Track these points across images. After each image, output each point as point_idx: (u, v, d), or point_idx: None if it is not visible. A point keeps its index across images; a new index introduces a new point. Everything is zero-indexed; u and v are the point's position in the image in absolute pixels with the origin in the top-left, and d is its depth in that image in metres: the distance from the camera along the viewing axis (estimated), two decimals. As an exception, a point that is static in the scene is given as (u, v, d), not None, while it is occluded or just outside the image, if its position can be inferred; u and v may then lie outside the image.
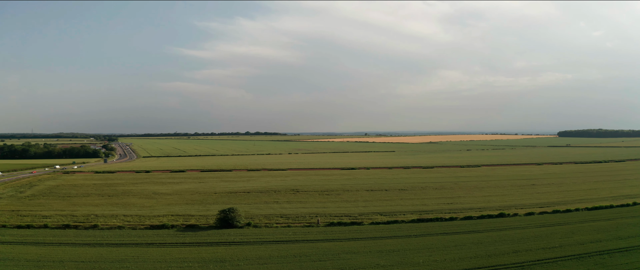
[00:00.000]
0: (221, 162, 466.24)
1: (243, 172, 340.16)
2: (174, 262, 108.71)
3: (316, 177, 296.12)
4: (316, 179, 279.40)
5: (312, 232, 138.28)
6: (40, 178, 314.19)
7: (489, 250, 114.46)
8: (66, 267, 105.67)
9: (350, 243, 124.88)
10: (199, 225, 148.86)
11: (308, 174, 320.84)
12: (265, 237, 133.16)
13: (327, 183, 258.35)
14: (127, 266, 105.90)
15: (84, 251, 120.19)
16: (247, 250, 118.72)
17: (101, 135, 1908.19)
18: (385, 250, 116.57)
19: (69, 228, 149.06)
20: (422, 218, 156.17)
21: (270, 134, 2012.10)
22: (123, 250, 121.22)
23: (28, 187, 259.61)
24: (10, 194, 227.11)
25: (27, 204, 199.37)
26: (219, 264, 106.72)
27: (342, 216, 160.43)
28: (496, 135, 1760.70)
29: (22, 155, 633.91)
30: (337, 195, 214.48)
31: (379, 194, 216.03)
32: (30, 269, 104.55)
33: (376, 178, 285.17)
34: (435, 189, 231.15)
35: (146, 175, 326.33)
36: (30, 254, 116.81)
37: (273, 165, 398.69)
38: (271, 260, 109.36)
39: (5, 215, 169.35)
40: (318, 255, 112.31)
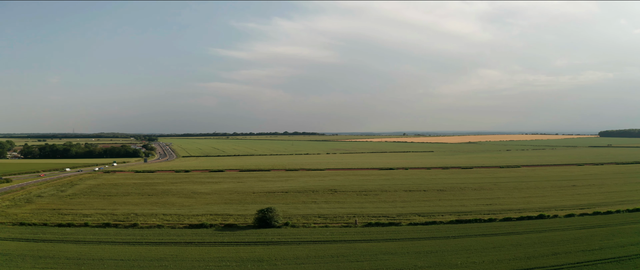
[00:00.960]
0: (260, 162, 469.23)
1: (281, 172, 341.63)
2: (212, 261, 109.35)
3: (354, 177, 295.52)
4: (354, 179, 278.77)
5: (350, 233, 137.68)
6: (81, 177, 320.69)
7: (527, 252, 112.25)
8: (106, 265, 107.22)
9: (388, 244, 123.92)
10: (238, 225, 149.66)
11: (346, 174, 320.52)
12: (303, 237, 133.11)
13: (365, 183, 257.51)
14: (166, 265, 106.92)
15: (123, 249, 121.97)
16: (285, 250, 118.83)
17: (141, 135, 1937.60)
18: (423, 251, 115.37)
19: (109, 227, 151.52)
20: (460, 219, 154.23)
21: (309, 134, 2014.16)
22: (162, 249, 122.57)
23: (69, 186, 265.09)
24: (51, 193, 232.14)
25: (68, 202, 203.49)
26: (257, 263, 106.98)
27: (379, 217, 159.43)
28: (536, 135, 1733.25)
29: (64, 154, 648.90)
30: (375, 195, 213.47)
31: (417, 195, 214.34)
32: (71, 267, 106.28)
33: (414, 178, 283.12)
34: (474, 190, 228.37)
35: (185, 175, 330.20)
36: (70, 252, 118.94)
37: (311, 165, 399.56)
38: (308, 260, 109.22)
39: (47, 214, 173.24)
40: (355, 256, 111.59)
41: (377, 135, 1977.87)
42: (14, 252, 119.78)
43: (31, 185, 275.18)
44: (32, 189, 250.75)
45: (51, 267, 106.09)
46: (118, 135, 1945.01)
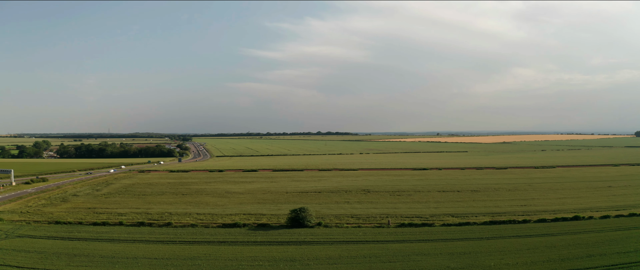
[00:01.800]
0: (293, 162, 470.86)
1: (314, 172, 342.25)
2: (245, 260, 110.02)
3: (387, 177, 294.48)
4: (387, 179, 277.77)
5: (383, 233, 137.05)
6: (116, 176, 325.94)
7: (562, 254, 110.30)
8: (140, 264, 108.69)
9: (421, 244, 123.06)
10: (270, 225, 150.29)
11: (379, 174, 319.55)
12: (336, 237, 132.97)
13: (398, 183, 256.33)
14: (199, 264, 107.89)
15: (157, 248, 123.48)
16: (317, 250, 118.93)
17: (176, 135, 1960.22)
18: (456, 252, 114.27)
19: (143, 225, 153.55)
20: (494, 220, 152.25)
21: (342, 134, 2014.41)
22: (195, 248, 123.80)
23: (104, 185, 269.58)
24: (87, 192, 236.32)
25: (103, 201, 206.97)
26: (289, 263, 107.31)
27: (413, 217, 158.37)
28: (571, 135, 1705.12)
29: (99, 154, 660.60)
30: (408, 195, 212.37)
31: (450, 195, 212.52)
32: (105, 265, 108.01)
33: (448, 179, 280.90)
34: (508, 191, 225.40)
35: (219, 175, 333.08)
36: (105, 251, 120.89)
37: (344, 165, 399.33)
38: (341, 260, 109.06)
39: (82, 213, 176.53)
40: (388, 257, 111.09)
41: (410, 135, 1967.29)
42: (49, 250, 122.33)
43: (67, 184, 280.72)
44: (68, 188, 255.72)
45: (86, 265, 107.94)
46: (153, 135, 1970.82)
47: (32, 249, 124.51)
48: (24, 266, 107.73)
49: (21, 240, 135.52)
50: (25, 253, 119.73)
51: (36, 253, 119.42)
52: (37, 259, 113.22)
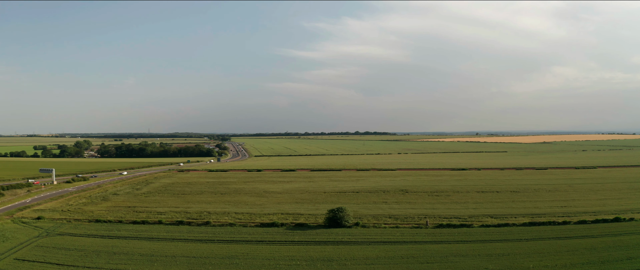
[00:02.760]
0: (330, 162, 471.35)
1: (352, 172, 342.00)
2: (283, 259, 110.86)
3: (426, 177, 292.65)
4: (425, 180, 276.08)
5: (420, 234, 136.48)
6: (156, 176, 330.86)
7: (602, 256, 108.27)
8: (178, 262, 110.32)
9: (459, 246, 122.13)
10: (308, 224, 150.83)
11: (417, 174, 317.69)
12: (373, 237, 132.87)
13: (436, 184, 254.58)
14: (237, 262, 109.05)
15: (195, 247, 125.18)
16: (355, 250, 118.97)
17: (215, 134, 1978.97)
18: (495, 254, 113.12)
19: (182, 224, 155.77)
20: (533, 221, 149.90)
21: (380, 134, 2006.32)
22: (233, 247, 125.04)
23: (144, 184, 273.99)
24: (127, 191, 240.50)
25: (143, 200, 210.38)
26: (327, 263, 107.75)
27: (451, 218, 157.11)
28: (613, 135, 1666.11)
29: (139, 153, 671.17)
30: (446, 196, 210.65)
31: (489, 196, 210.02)
32: (144, 263, 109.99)
33: (487, 179, 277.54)
34: (548, 192, 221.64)
35: (257, 174, 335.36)
36: (144, 249, 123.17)
37: (382, 165, 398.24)
38: (378, 261, 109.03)
39: (122, 211, 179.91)
40: (425, 257, 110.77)
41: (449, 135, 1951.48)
42: (89, 248, 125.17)
43: (107, 183, 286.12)
44: (108, 187, 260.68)
45: (125, 263, 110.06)
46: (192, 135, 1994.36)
47: (72, 246, 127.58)
48: (64, 263, 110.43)
49: (62, 238, 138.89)
50: (65, 250, 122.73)
51: (76, 251, 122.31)
52: (77, 257, 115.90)
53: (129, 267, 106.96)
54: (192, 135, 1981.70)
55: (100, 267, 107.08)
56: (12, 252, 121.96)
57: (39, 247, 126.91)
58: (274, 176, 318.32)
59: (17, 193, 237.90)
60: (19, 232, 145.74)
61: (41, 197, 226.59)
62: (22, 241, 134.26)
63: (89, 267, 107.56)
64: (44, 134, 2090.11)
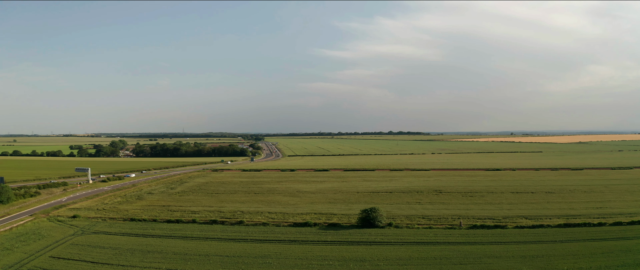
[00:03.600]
0: (364, 162, 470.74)
1: (385, 172, 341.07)
2: (315, 259, 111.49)
3: (459, 177, 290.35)
4: (459, 180, 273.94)
5: (454, 235, 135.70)
6: (190, 175, 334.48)
7: (637, 259, 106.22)
8: (211, 261, 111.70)
9: (493, 247, 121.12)
10: (341, 224, 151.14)
11: (451, 174, 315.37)
12: (406, 238, 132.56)
13: (470, 184, 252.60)
14: (270, 262, 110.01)
15: (229, 246, 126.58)
16: (388, 250, 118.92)
17: (248, 134, 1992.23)
18: (529, 255, 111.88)
19: (215, 223, 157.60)
20: (568, 223, 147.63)
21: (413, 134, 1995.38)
22: (266, 246, 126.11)
23: (179, 183, 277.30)
24: (161, 190, 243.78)
25: (177, 199, 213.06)
26: (359, 263, 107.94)
27: (485, 219, 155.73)
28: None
29: (174, 153, 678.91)
30: (480, 197, 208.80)
31: (524, 197, 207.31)
32: (177, 262, 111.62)
33: (522, 180, 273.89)
34: (583, 192, 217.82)
35: (291, 174, 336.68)
36: (177, 248, 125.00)
37: (416, 165, 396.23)
38: (411, 261, 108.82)
39: (157, 210, 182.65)
40: (459, 259, 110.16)
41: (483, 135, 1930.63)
42: (123, 246, 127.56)
43: (142, 182, 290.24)
44: (143, 186, 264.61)
45: (159, 261, 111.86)
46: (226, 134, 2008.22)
47: (107, 245, 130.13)
48: (98, 261, 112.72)
49: (97, 236, 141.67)
50: (100, 249, 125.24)
51: (111, 249, 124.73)
52: (111, 255, 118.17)
53: (162, 265, 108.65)
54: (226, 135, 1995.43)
55: (134, 266, 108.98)
56: (47, 250, 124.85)
57: (74, 245, 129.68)
58: (307, 176, 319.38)
59: (53, 192, 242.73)
60: (55, 231, 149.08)
61: (77, 195, 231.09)
62: (57, 239, 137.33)
63: (123, 265, 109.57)
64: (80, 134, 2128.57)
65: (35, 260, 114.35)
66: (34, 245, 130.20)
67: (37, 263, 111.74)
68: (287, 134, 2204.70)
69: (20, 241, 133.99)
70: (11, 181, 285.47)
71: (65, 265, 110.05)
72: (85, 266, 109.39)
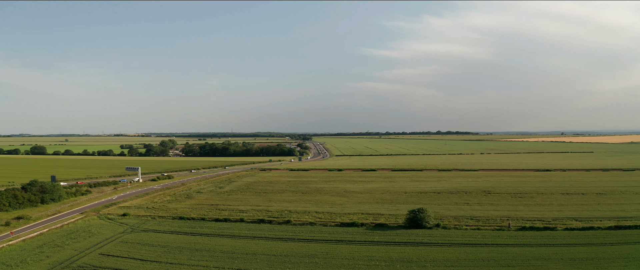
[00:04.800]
0: (411, 162, 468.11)
1: (433, 172, 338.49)
2: (362, 259, 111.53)
3: (509, 178, 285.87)
4: (508, 181, 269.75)
5: (502, 236, 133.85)
6: (238, 174, 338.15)
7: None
8: (259, 260, 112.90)
9: (542, 249, 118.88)
10: (388, 225, 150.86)
11: (500, 175, 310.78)
12: (454, 239, 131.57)
13: (519, 185, 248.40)
14: (316, 261, 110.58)
15: (276, 245, 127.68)
16: (435, 251, 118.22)
17: (296, 134, 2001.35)
18: (578, 258, 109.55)
19: (263, 223, 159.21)
20: (619, 225, 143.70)
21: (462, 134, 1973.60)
22: (313, 246, 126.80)
23: (227, 183, 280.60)
24: (210, 189, 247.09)
25: (226, 198, 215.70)
26: (406, 264, 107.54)
27: (534, 220, 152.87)
28: None
29: (222, 153, 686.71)
30: (530, 198, 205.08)
31: (574, 198, 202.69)
32: (225, 260, 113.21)
33: (572, 181, 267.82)
34: (635, 194, 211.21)
35: (338, 174, 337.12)
36: (225, 246, 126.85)
37: (464, 166, 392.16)
38: (458, 263, 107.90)
39: (205, 209, 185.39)
40: (507, 261, 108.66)
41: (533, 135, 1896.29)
42: (172, 244, 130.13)
43: (191, 181, 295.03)
44: (192, 185, 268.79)
45: (207, 260, 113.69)
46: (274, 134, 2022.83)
47: (156, 242, 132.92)
48: (147, 259, 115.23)
49: (146, 234, 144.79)
50: (149, 246, 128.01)
51: (159, 247, 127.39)
52: (160, 253, 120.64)
53: (210, 263, 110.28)
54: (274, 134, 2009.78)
55: (182, 264, 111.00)
56: (97, 247, 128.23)
57: (123, 243, 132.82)
58: (354, 176, 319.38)
59: (104, 190, 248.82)
60: (105, 228, 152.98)
61: (127, 194, 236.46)
62: (107, 237, 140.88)
63: (172, 263, 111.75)
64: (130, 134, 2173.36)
65: (85, 257, 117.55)
66: (84, 242, 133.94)
67: (86, 260, 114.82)
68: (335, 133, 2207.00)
69: (70, 238, 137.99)
70: (63, 180, 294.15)
71: (114, 263, 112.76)
72: (134, 264, 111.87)
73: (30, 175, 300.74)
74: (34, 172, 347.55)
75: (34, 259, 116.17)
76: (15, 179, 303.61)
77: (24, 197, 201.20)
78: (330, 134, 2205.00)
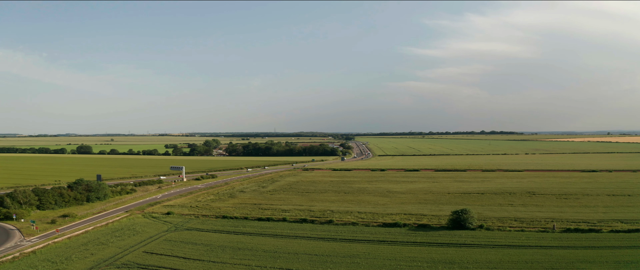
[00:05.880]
0: (455, 162, 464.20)
1: (477, 173, 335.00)
2: (404, 260, 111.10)
3: (554, 179, 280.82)
4: (553, 182, 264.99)
5: (547, 238, 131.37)
6: (281, 174, 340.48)
7: None
8: (300, 259, 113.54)
9: (586, 252, 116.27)
10: (431, 225, 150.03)
11: (545, 175, 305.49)
12: (497, 240, 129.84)
13: (565, 186, 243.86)
14: (358, 262, 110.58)
15: (318, 245, 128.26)
16: (478, 253, 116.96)
17: (339, 134, 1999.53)
18: (624, 261, 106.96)
19: (305, 222, 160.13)
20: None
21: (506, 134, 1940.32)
22: (355, 246, 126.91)
23: (270, 182, 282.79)
24: (253, 189, 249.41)
25: (268, 198, 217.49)
26: (448, 265, 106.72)
27: (579, 222, 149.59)
28: None
29: (265, 152, 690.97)
30: (575, 199, 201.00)
31: (621, 200, 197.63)
32: (267, 259, 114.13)
33: (619, 182, 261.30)
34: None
35: (381, 174, 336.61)
36: (267, 245, 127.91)
37: (508, 166, 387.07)
38: (501, 265, 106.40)
39: (248, 208, 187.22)
40: (550, 263, 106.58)
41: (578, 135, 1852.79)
42: (215, 243, 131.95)
43: (234, 181, 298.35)
44: (235, 185, 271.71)
45: (249, 258, 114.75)
46: (317, 134, 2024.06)
47: (199, 241, 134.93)
48: (190, 257, 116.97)
49: (189, 232, 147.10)
50: (192, 245, 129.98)
51: (202, 245, 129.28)
52: (203, 251, 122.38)
53: (252, 262, 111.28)
54: (317, 134, 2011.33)
55: (224, 262, 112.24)
56: (141, 245, 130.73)
57: (167, 241, 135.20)
58: (397, 176, 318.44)
59: (149, 189, 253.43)
60: (149, 226, 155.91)
61: (171, 193, 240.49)
62: (151, 235, 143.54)
63: (214, 261, 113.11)
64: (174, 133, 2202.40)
65: (129, 255, 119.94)
66: (129, 240, 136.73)
67: (130, 258, 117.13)
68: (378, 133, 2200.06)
69: (115, 236, 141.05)
70: (108, 179, 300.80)
71: (158, 261, 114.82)
72: (177, 262, 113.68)
73: (76, 174, 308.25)
74: (80, 171, 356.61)
75: (79, 256, 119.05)
76: (61, 177, 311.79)
77: (70, 195, 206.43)
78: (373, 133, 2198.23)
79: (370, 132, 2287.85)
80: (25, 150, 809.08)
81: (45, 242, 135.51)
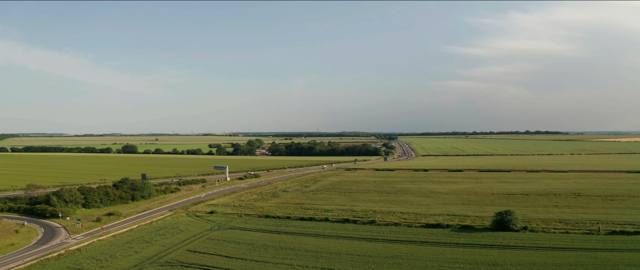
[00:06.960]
0: (499, 162, 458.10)
1: (521, 173, 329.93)
2: (446, 262, 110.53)
3: (600, 180, 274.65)
4: (599, 183, 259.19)
5: (592, 240, 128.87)
6: (323, 174, 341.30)
7: None
8: (342, 259, 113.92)
9: (632, 254, 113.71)
10: (474, 226, 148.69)
11: (591, 176, 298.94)
12: (541, 242, 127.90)
13: (611, 187, 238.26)
14: (400, 262, 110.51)
15: (360, 245, 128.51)
16: (521, 255, 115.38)
17: (381, 134, 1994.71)
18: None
19: (347, 222, 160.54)
20: None
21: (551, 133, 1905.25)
22: (397, 246, 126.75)
23: (312, 182, 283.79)
24: (296, 188, 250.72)
25: (311, 197, 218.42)
26: (491, 267, 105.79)
27: (625, 224, 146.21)
28: None
29: (308, 152, 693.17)
30: (621, 201, 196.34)
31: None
32: (309, 259, 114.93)
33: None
34: None
35: (424, 174, 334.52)
36: (309, 245, 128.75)
37: (553, 167, 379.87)
38: (545, 267, 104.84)
39: (291, 208, 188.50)
40: (595, 266, 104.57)
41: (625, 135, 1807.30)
42: (257, 242, 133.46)
43: (277, 180, 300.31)
44: (278, 184, 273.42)
45: (291, 258, 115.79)
46: (359, 134, 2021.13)
47: (241, 240, 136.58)
48: (233, 256, 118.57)
49: (232, 231, 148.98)
50: (234, 244, 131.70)
51: (245, 244, 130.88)
52: (245, 250, 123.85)
53: (294, 262, 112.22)
54: (359, 134, 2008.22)
55: (267, 261, 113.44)
56: (185, 243, 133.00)
57: (210, 240, 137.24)
58: (440, 176, 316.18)
59: (192, 188, 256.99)
60: (193, 225, 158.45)
61: (214, 192, 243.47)
62: (195, 233, 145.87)
63: (256, 260, 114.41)
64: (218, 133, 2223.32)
65: (173, 253, 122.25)
66: (172, 238, 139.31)
67: (174, 256, 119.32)
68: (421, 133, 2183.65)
69: (159, 235, 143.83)
70: (153, 178, 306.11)
71: (201, 259, 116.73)
72: (219, 260, 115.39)
73: (121, 174, 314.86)
74: (125, 170, 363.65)
75: (123, 254, 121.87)
76: (107, 176, 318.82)
77: (115, 194, 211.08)
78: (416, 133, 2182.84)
79: (413, 132, 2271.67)
80: (71, 149, 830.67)
81: (90, 240, 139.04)
